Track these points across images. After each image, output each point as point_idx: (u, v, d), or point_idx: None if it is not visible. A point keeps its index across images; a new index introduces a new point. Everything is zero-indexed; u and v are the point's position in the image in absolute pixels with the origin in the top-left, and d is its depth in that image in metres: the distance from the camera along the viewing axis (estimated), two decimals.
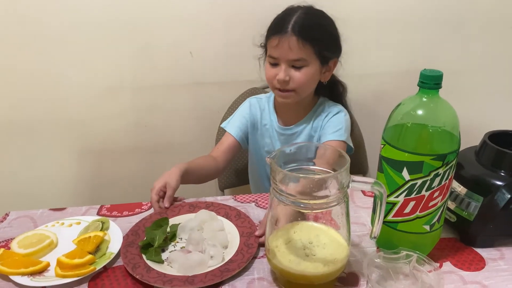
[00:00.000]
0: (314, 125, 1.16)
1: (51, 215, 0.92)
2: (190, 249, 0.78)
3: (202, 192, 1.63)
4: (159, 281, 0.71)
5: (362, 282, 0.72)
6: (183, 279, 0.71)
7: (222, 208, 0.91)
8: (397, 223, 0.73)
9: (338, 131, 1.11)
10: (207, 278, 0.72)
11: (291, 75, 1.05)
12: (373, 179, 0.65)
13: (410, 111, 0.68)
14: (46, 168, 1.56)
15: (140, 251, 0.78)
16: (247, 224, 0.86)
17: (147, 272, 0.73)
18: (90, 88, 1.47)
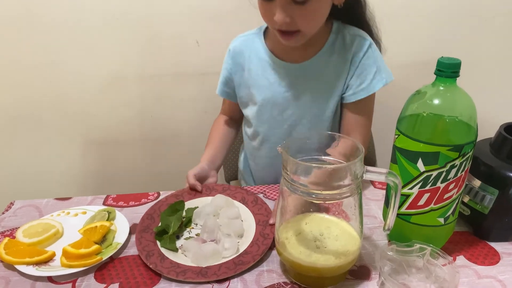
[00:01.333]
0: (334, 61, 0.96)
1: (57, 205, 0.91)
2: (205, 238, 0.77)
3: None
4: (172, 272, 0.70)
5: (374, 275, 0.71)
6: (197, 271, 0.70)
7: (239, 193, 0.90)
8: (411, 216, 0.71)
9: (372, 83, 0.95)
10: (221, 271, 0.70)
11: (292, 14, 0.82)
12: (388, 170, 0.63)
13: (426, 100, 0.66)
14: (52, 158, 1.55)
15: (154, 237, 0.78)
16: (264, 211, 0.84)
17: (161, 261, 0.72)
18: (95, 78, 1.45)
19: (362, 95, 0.96)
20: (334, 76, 0.97)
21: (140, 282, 0.70)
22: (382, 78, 0.95)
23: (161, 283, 0.69)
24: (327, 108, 0.99)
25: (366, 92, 0.96)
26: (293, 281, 0.69)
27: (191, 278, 0.69)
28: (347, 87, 0.98)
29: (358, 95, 0.96)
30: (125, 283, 0.69)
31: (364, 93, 0.96)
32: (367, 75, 0.95)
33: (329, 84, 0.98)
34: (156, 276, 0.71)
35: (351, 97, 0.97)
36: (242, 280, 0.70)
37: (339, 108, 1.02)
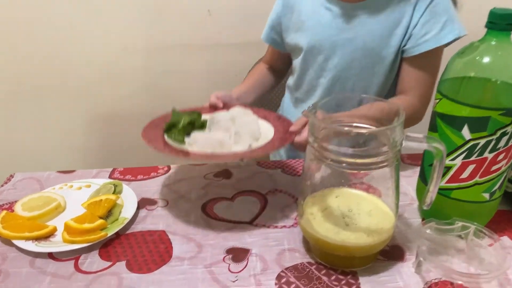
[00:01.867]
0: None
1: (59, 178, 0.84)
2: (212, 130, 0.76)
3: None
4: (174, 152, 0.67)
5: (408, 256, 0.63)
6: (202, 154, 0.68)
7: (260, 112, 0.84)
8: (451, 190, 0.63)
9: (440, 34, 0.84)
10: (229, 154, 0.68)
11: None
12: (429, 135, 0.55)
13: (475, 58, 0.58)
14: (55, 132, 1.49)
15: (163, 132, 0.74)
16: (287, 124, 0.78)
17: (164, 146, 0.69)
18: (101, 49, 1.39)
19: (426, 46, 0.85)
20: (393, 22, 0.87)
21: (149, 260, 0.63)
22: (454, 29, 0.84)
23: (172, 261, 0.63)
24: (380, 61, 0.89)
25: (432, 44, 0.85)
26: (319, 261, 0.62)
27: (195, 157, 0.67)
28: (409, 38, 0.87)
29: (422, 46, 0.85)
30: (133, 261, 0.63)
31: (429, 45, 0.85)
32: (435, 24, 0.84)
33: (387, 31, 0.87)
34: (166, 254, 0.64)
35: (413, 49, 0.86)
36: (261, 260, 0.63)
37: (396, 64, 0.91)
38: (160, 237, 0.68)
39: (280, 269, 0.61)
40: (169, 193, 0.79)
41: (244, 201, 0.76)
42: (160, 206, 0.75)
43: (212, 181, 0.82)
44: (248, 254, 0.64)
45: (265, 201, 0.76)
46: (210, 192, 0.79)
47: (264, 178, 0.83)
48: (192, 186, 0.81)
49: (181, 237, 0.68)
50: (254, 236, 0.68)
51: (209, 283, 0.59)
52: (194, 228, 0.70)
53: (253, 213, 0.73)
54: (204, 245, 0.66)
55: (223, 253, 0.64)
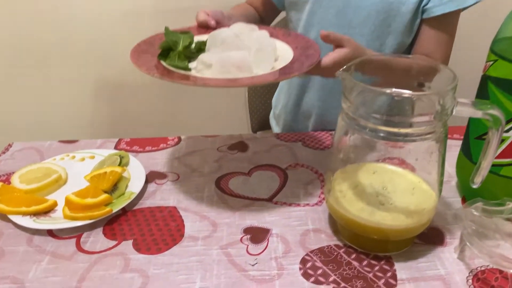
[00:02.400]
0: None
1: (61, 148, 0.78)
2: None
3: (232, 133, 1.49)
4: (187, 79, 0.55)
5: (449, 239, 0.56)
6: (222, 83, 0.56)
7: (267, 29, 0.71)
8: (502, 167, 0.55)
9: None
10: (256, 78, 0.57)
11: None
12: (486, 101, 0.47)
13: None
14: (58, 100, 1.42)
15: (158, 57, 0.61)
16: (302, 40, 0.68)
17: (169, 73, 0.57)
18: (107, 12, 1.30)
19: (451, 6, 0.78)
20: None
21: (158, 239, 0.57)
22: None
23: (184, 241, 0.56)
24: (398, 18, 0.81)
25: (456, 5, 0.78)
26: (348, 244, 0.55)
27: (216, 83, 0.54)
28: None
29: (446, 6, 0.78)
30: (141, 240, 0.57)
31: (454, 5, 0.78)
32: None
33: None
34: (178, 233, 0.58)
35: (436, 8, 0.79)
36: (283, 241, 0.56)
37: (415, 25, 0.83)
38: (170, 213, 0.61)
39: (304, 252, 0.54)
40: (180, 166, 0.72)
41: (262, 176, 0.69)
42: (170, 180, 0.68)
43: (226, 154, 0.75)
44: (268, 234, 0.57)
45: (285, 177, 0.69)
46: (224, 166, 0.72)
47: (283, 151, 0.76)
48: (205, 159, 0.74)
49: (194, 214, 0.61)
50: (274, 215, 0.61)
51: (225, 266, 0.53)
52: (207, 205, 0.63)
53: (272, 189, 0.66)
54: (219, 223, 0.59)
55: (241, 233, 0.57)
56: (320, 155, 0.75)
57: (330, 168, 0.56)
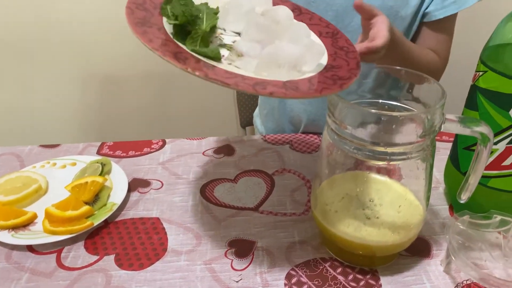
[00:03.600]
0: None
1: (42, 153, 0.76)
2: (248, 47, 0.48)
3: (218, 129, 1.48)
4: (242, 84, 0.41)
5: (435, 251, 0.56)
6: (279, 85, 0.43)
7: None
8: (490, 178, 0.55)
9: None
10: (317, 86, 0.44)
11: None
12: (475, 118, 0.46)
13: None
14: (41, 97, 1.38)
15: (173, 36, 0.46)
16: (320, 21, 0.58)
17: (209, 68, 0.42)
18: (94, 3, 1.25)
19: (453, 9, 0.76)
20: None
21: (141, 254, 0.55)
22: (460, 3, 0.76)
23: (167, 255, 0.55)
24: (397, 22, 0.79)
25: (457, 7, 0.76)
26: (334, 257, 0.55)
27: (278, 93, 0.40)
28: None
29: (448, 9, 0.77)
30: (123, 254, 0.55)
31: (455, 7, 0.76)
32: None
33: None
34: (161, 247, 0.56)
35: (438, 12, 0.77)
36: (268, 254, 0.55)
37: (413, 28, 0.82)
38: (153, 225, 0.60)
39: (290, 266, 0.54)
40: (164, 173, 0.70)
41: (248, 183, 0.68)
42: (154, 188, 0.67)
43: (212, 159, 0.74)
44: (254, 247, 0.56)
45: (272, 183, 0.68)
46: (210, 172, 0.70)
47: (271, 155, 0.75)
48: (190, 164, 0.72)
49: (177, 226, 0.60)
50: (260, 226, 0.60)
51: (209, 283, 0.52)
52: (192, 215, 0.62)
53: (259, 197, 0.65)
54: (203, 235, 0.58)
55: (225, 246, 0.56)
56: (308, 159, 0.74)
57: (317, 176, 0.54)
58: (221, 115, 1.42)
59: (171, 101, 1.42)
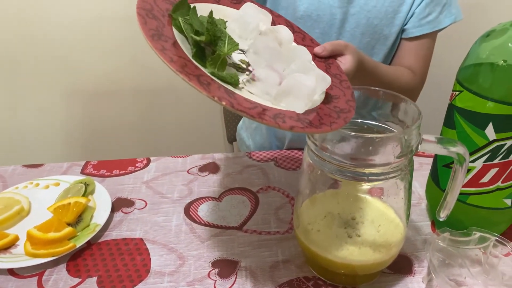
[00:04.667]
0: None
1: (25, 174, 0.75)
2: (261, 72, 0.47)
3: (207, 145, 1.48)
4: (266, 117, 0.41)
5: (417, 268, 0.56)
6: (294, 117, 0.43)
7: None
8: (468, 195, 0.55)
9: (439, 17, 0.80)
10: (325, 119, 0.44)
11: None
12: (452, 139, 0.46)
13: (506, 44, 0.49)
14: (25, 113, 1.37)
15: (192, 56, 0.44)
16: (310, 42, 0.59)
17: (230, 95, 0.41)
18: (78, 18, 1.25)
19: (428, 28, 0.80)
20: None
21: (124, 276, 0.55)
22: (451, 13, 0.80)
23: (150, 277, 0.55)
24: (381, 40, 0.82)
25: (432, 27, 0.80)
26: (317, 276, 0.55)
27: (297, 127, 0.41)
28: (411, 16, 0.81)
29: (424, 28, 0.80)
30: (105, 276, 0.55)
31: (430, 27, 0.80)
32: (437, 6, 0.79)
33: (392, 7, 0.79)
34: (144, 268, 0.56)
35: (414, 30, 0.81)
36: (252, 274, 0.55)
37: (396, 45, 0.85)
38: (137, 246, 0.60)
39: (273, 286, 0.54)
40: (148, 192, 0.70)
41: (233, 201, 0.68)
42: (138, 208, 0.67)
43: (197, 177, 0.74)
44: (237, 267, 0.56)
45: (257, 201, 0.68)
46: (194, 190, 0.70)
47: (255, 172, 0.75)
48: (175, 182, 0.72)
49: (161, 246, 0.60)
50: (243, 245, 0.60)
51: None
52: (175, 235, 0.62)
53: (243, 216, 0.65)
54: (186, 256, 0.58)
55: (208, 267, 0.56)
56: (292, 176, 0.74)
57: (299, 195, 0.55)
58: (208, 130, 1.43)
59: (157, 117, 1.43)
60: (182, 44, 0.45)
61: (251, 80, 0.47)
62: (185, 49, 0.44)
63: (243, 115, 0.40)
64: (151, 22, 0.44)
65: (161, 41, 0.42)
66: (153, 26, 0.43)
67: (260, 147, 1.00)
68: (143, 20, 0.43)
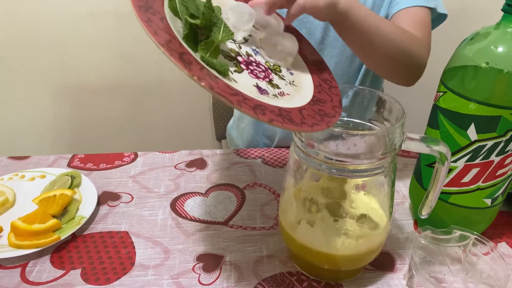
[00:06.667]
0: None
1: (11, 165, 0.74)
2: None
3: (195, 142, 1.48)
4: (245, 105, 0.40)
5: (399, 265, 0.57)
6: (275, 111, 0.42)
7: None
8: (450, 195, 0.57)
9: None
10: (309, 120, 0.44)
11: None
12: (434, 138, 0.48)
13: (488, 47, 0.50)
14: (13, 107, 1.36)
15: (183, 39, 0.43)
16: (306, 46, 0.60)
17: (213, 79, 0.41)
18: (66, 13, 1.24)
19: (408, 3, 0.74)
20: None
21: (108, 268, 0.55)
22: None
23: (134, 270, 0.55)
24: None
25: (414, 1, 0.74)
26: (300, 271, 0.56)
27: (276, 121, 0.41)
28: None
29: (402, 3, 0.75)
30: (89, 269, 0.55)
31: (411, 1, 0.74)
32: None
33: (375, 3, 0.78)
34: (128, 261, 0.56)
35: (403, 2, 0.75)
36: (236, 269, 0.56)
37: None
38: (122, 239, 0.60)
39: (257, 280, 0.54)
40: (135, 186, 0.70)
41: (220, 197, 0.69)
42: (124, 201, 0.67)
43: (184, 172, 0.74)
44: (222, 262, 0.57)
45: (243, 197, 0.69)
46: (181, 186, 0.71)
47: (243, 169, 0.75)
48: (162, 177, 0.72)
49: (146, 240, 0.60)
50: (229, 240, 0.60)
51: None
52: (161, 229, 0.62)
53: (229, 212, 0.65)
54: (171, 250, 0.58)
55: (193, 261, 0.57)
56: (279, 173, 0.75)
57: (284, 190, 0.55)
58: (197, 128, 1.43)
59: (144, 112, 1.42)
60: (171, 23, 0.44)
61: None
62: (174, 28, 0.43)
63: (222, 99, 0.39)
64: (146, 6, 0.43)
65: (149, 13, 0.41)
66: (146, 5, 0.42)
67: (249, 146, 1.01)
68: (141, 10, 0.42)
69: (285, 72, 0.52)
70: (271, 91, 0.47)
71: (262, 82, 0.47)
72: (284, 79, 0.51)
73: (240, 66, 0.48)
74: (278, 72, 0.51)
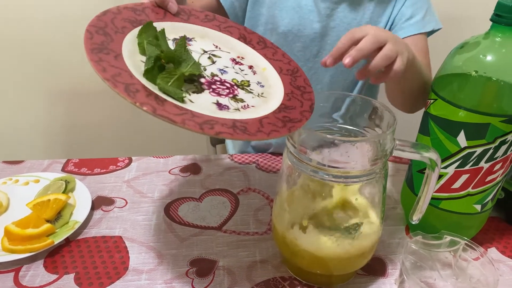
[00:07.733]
0: None
1: (5, 170, 0.75)
2: None
3: (189, 147, 1.48)
4: (190, 122, 0.41)
5: (391, 270, 0.58)
6: (229, 124, 0.43)
7: (234, 28, 0.61)
8: (441, 200, 0.57)
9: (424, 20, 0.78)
10: (266, 128, 0.45)
11: None
12: (426, 145, 0.48)
13: (477, 55, 0.51)
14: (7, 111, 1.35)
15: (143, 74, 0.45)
16: (282, 57, 0.60)
17: (160, 103, 0.42)
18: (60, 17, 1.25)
19: (412, 30, 0.77)
20: (379, 9, 0.79)
21: (101, 273, 0.55)
22: (432, 20, 0.78)
23: (128, 274, 0.55)
24: None
25: (417, 28, 0.77)
26: (293, 276, 0.56)
27: (225, 133, 0.42)
28: (391, 24, 0.80)
29: (408, 30, 0.77)
30: (83, 273, 0.55)
31: (414, 29, 0.77)
32: (420, 9, 0.78)
33: (372, 18, 0.79)
34: (122, 266, 0.56)
35: (401, 32, 0.78)
36: (229, 274, 0.56)
37: None
38: (116, 244, 0.60)
39: (250, 285, 0.55)
40: (129, 191, 0.70)
41: (213, 202, 0.69)
42: (118, 206, 0.67)
43: (178, 177, 0.74)
44: (215, 266, 0.57)
45: (237, 202, 0.69)
46: (175, 191, 0.71)
47: (236, 174, 0.76)
48: (156, 182, 0.73)
49: (140, 244, 0.60)
50: (222, 245, 0.61)
51: None
52: (155, 234, 0.62)
53: (223, 217, 0.66)
54: (165, 254, 0.59)
55: (186, 266, 0.57)
56: (273, 178, 0.75)
57: (277, 195, 0.56)
58: (191, 133, 1.43)
59: (141, 117, 1.42)
60: (130, 59, 0.46)
61: None
62: (132, 63, 0.46)
63: (165, 120, 0.40)
64: (98, 37, 0.45)
65: (102, 54, 0.43)
66: (98, 41, 0.45)
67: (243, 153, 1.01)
68: (90, 35, 0.45)
69: (255, 85, 0.54)
70: (233, 105, 0.48)
71: (224, 99, 0.49)
72: (252, 92, 0.52)
73: (200, 87, 0.49)
74: (246, 86, 0.53)
